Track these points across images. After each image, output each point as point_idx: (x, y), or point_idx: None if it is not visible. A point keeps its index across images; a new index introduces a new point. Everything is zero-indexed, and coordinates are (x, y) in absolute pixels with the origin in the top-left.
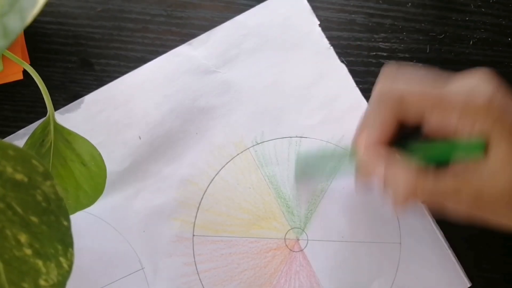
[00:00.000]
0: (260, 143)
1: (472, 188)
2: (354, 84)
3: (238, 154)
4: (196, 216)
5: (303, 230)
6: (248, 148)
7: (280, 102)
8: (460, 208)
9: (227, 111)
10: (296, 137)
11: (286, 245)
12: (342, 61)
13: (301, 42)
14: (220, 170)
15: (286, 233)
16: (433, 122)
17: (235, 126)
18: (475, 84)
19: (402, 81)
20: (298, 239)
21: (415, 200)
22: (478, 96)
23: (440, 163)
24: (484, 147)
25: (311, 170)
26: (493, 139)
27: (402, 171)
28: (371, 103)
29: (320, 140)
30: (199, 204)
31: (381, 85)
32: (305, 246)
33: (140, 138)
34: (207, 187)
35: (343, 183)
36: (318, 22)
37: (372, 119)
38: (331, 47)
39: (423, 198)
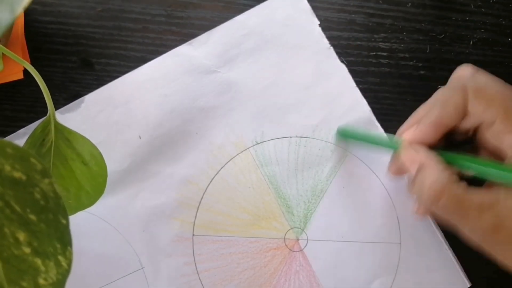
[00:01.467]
0: (260, 143)
1: (496, 214)
2: (354, 84)
3: (238, 154)
4: (196, 216)
5: (303, 230)
6: (248, 148)
7: (280, 102)
8: (476, 230)
9: (227, 111)
10: (296, 137)
11: (286, 245)
12: (342, 61)
13: (301, 42)
14: (220, 170)
15: (286, 233)
16: (491, 131)
17: (235, 126)
18: None
19: (485, 74)
20: (298, 239)
21: (439, 204)
22: None
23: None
24: None
25: (353, 139)
26: None
27: (435, 170)
28: (443, 88)
29: (320, 140)
30: (199, 204)
31: (464, 67)
32: (305, 246)
33: (140, 138)
34: (207, 186)
35: (343, 183)
36: (318, 22)
37: (430, 115)
38: (331, 47)
39: (447, 203)
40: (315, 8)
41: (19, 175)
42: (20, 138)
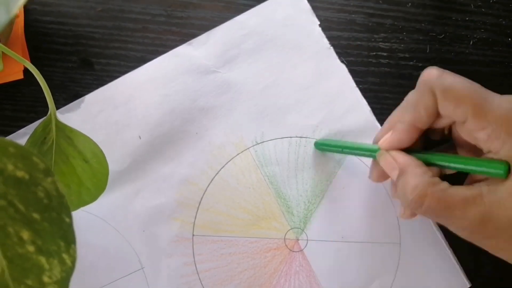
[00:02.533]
0: (260, 143)
1: (481, 208)
2: (354, 84)
3: (238, 154)
4: (196, 216)
5: (302, 230)
6: (248, 148)
7: (280, 102)
8: (464, 226)
9: (227, 111)
10: (296, 137)
11: (286, 245)
12: (342, 61)
13: (302, 42)
14: (220, 170)
15: (286, 233)
16: (465, 128)
17: (235, 126)
18: None
19: (451, 75)
20: (298, 239)
21: (423, 207)
22: None
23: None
24: (508, 171)
25: (332, 147)
26: None
27: (416, 174)
28: (412, 92)
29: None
30: (199, 204)
31: (430, 70)
32: (305, 246)
33: (140, 138)
34: (207, 187)
35: (343, 183)
36: (318, 22)
37: (411, 106)
38: (331, 47)
39: (431, 205)
40: (315, 8)
41: (22, 174)
42: (20, 138)
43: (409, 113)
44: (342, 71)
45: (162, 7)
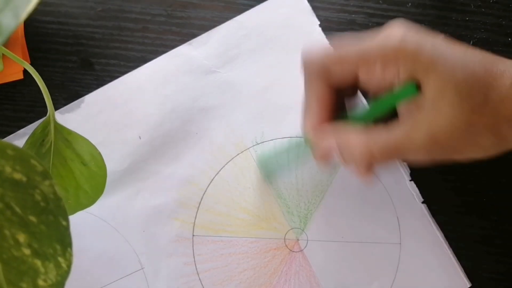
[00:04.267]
0: (260, 143)
1: (424, 130)
2: None
3: (238, 154)
4: (196, 216)
5: (303, 231)
6: (248, 148)
7: (281, 103)
8: (420, 155)
9: (227, 111)
10: (296, 137)
11: (286, 245)
12: None
13: (302, 43)
14: (220, 170)
15: (286, 233)
16: (363, 79)
17: (235, 126)
18: (387, 32)
19: (323, 51)
20: (298, 239)
21: (377, 162)
22: (391, 41)
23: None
24: (417, 87)
25: (273, 168)
26: (419, 75)
27: (352, 136)
28: (304, 82)
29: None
30: (199, 204)
31: (303, 58)
32: (305, 246)
33: (140, 138)
34: (207, 187)
35: (343, 184)
36: (319, 22)
37: (309, 97)
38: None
39: (381, 156)
40: (315, 8)
41: (20, 176)
42: (20, 138)
43: (311, 110)
44: None
45: (162, 7)
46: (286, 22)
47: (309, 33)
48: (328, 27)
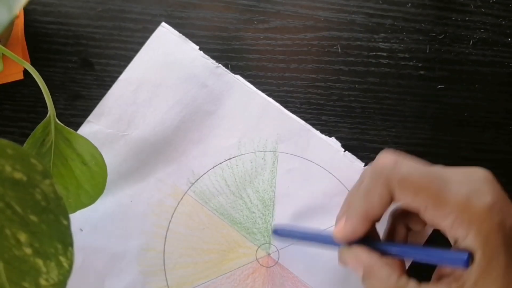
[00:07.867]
0: (195, 182)
1: None
2: (254, 89)
3: (178, 202)
4: (166, 279)
5: (270, 244)
6: (186, 192)
7: (196, 136)
8: None
9: (151, 168)
10: (225, 160)
11: (260, 265)
12: (234, 72)
13: (190, 72)
14: (168, 225)
15: (256, 253)
16: (427, 217)
17: (164, 177)
18: (477, 187)
19: (407, 161)
20: (269, 254)
21: None
22: (479, 201)
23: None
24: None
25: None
26: (479, 250)
27: (381, 279)
28: (366, 178)
29: (248, 153)
30: (164, 266)
31: (385, 157)
32: (278, 257)
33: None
34: (164, 247)
35: (286, 182)
36: (198, 47)
37: (364, 197)
38: (220, 65)
39: None
40: (315, 8)
41: (20, 176)
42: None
43: (362, 201)
44: (238, 82)
45: (162, 7)
46: (167, 59)
47: (193, 60)
48: (328, 27)
